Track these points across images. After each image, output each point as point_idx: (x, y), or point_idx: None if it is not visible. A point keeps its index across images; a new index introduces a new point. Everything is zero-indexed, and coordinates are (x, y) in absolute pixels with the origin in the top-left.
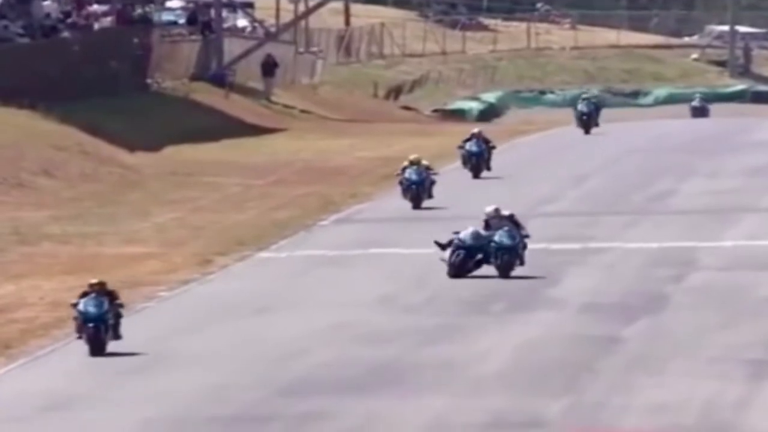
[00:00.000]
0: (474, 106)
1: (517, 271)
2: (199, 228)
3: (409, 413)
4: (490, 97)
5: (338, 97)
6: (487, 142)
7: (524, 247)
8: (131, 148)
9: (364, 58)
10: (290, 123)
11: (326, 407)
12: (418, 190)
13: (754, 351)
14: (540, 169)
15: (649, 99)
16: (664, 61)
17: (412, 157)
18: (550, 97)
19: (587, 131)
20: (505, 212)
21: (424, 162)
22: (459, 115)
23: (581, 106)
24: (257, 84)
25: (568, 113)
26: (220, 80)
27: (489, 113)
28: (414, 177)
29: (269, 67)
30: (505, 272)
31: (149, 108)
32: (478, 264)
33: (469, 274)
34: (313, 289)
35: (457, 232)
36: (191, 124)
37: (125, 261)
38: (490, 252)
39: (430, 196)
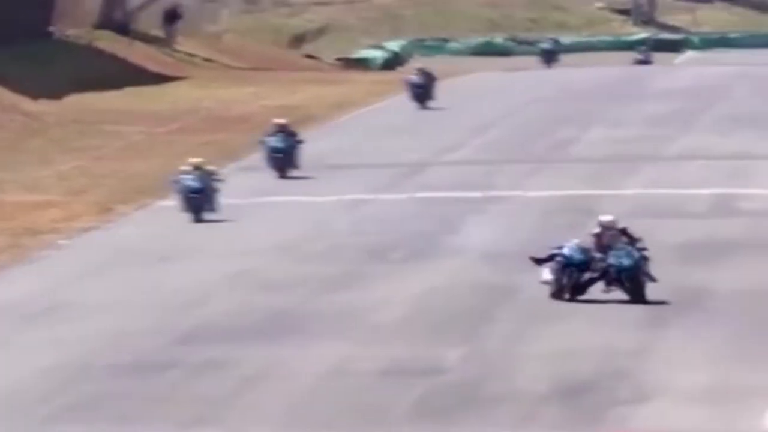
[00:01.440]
0: (378, 54)
1: (415, 220)
2: (101, 176)
3: (309, 360)
4: (394, 45)
5: (242, 45)
6: (293, 135)
7: (646, 259)
8: (34, 95)
9: (268, 6)
10: (193, 71)
11: (226, 355)
12: (201, 197)
13: (653, 298)
14: (440, 119)
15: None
16: (568, 10)
17: (194, 160)
18: (453, 45)
19: None
20: (619, 225)
21: (209, 167)
22: (363, 64)
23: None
24: (161, 32)
25: (472, 61)
26: (123, 29)
27: (393, 62)
28: (194, 184)
29: (172, 15)
30: (638, 295)
31: (52, 56)
32: (591, 282)
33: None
34: (213, 238)
35: (559, 247)
36: (94, 72)
37: (26, 209)
38: (608, 272)
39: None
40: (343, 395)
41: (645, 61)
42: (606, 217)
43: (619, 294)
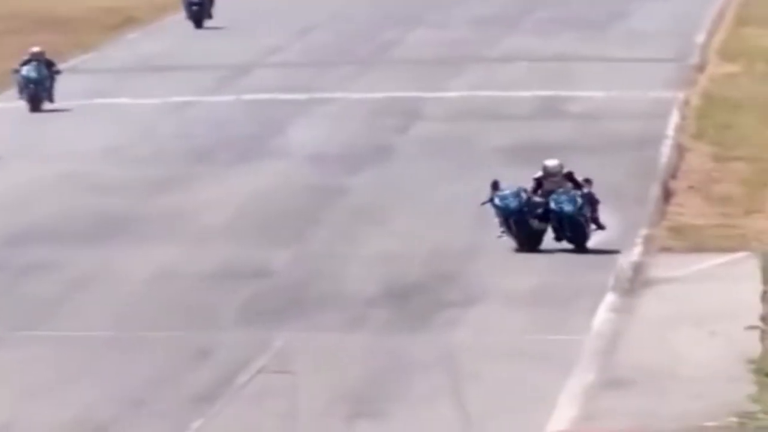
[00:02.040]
0: None
1: (242, 122)
2: None
3: (137, 263)
4: None
5: None
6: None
7: (593, 205)
8: None
9: None
10: None
11: (53, 257)
12: (39, 87)
13: (478, 201)
14: (265, 20)
15: None
16: None
17: (34, 50)
18: None
19: None
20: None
21: (48, 58)
22: None
23: None
24: None
25: None
26: None
27: None
28: (33, 74)
29: None
30: (580, 244)
31: None
32: (544, 231)
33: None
34: (39, 140)
35: (490, 199)
36: None
37: None
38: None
39: None
40: (170, 297)
41: None
42: (550, 162)
43: (446, 199)
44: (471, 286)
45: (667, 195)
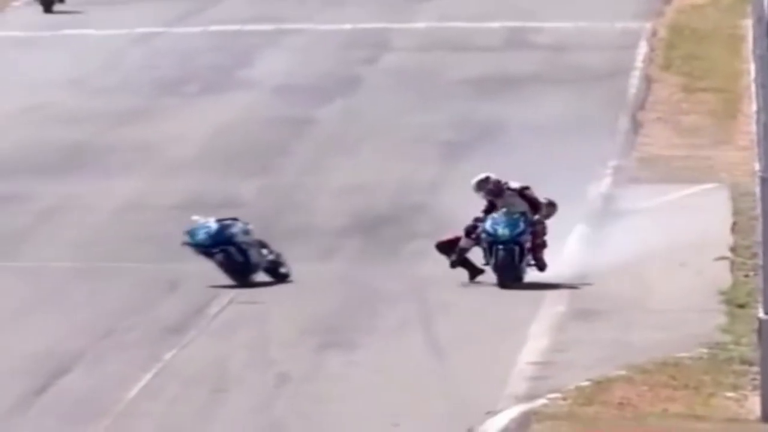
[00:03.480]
0: None
1: (209, 53)
2: None
3: (104, 195)
4: None
5: None
6: None
7: (539, 237)
8: None
9: None
10: None
11: (21, 189)
12: None
13: (447, 132)
14: None
15: None
16: None
17: None
18: None
19: None
20: (515, 184)
21: None
22: None
23: None
24: None
25: None
26: None
27: None
28: None
29: None
30: (505, 278)
31: None
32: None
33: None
34: (3, 71)
35: (479, 219)
36: None
37: None
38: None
39: None
40: (138, 229)
41: None
42: (473, 180)
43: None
44: (440, 218)
45: (636, 126)
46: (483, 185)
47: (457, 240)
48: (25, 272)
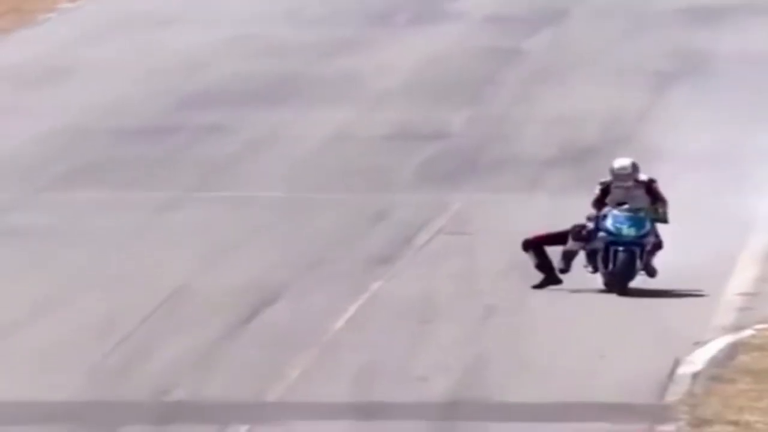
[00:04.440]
0: None
1: None
2: None
3: (312, 125)
4: None
5: None
6: None
7: (655, 245)
8: None
9: None
10: None
11: (228, 119)
12: None
13: (656, 62)
14: None
15: None
16: None
17: None
18: None
19: None
20: (643, 176)
21: None
22: None
23: None
24: None
25: None
26: None
27: None
28: None
29: None
30: (620, 284)
31: None
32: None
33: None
34: (218, 1)
35: (594, 218)
36: None
37: None
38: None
39: None
40: (346, 159)
41: None
42: (618, 162)
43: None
44: (647, 148)
45: None
46: (633, 171)
47: (547, 238)
48: (232, 203)
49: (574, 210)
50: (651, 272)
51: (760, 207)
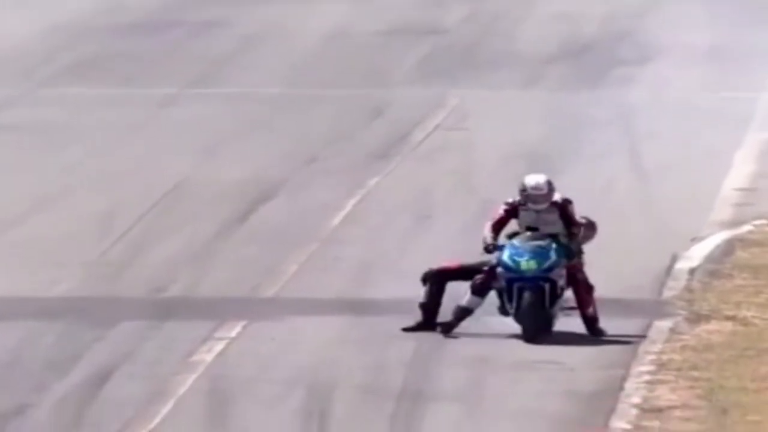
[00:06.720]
0: None
1: None
2: None
3: (311, 20)
4: None
5: None
6: None
7: (576, 281)
8: None
9: None
10: None
11: (227, 14)
12: None
13: None
14: None
15: None
16: None
17: None
18: None
19: None
20: (557, 196)
21: None
22: None
23: None
24: None
25: None
26: None
27: None
28: None
29: None
30: (529, 327)
31: None
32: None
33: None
34: None
35: (492, 247)
36: None
37: None
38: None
39: None
40: (344, 54)
41: None
42: (532, 179)
43: None
44: (646, 44)
45: None
46: (549, 191)
47: (455, 272)
48: (230, 98)
49: (573, 105)
50: (595, 331)
51: (758, 103)
